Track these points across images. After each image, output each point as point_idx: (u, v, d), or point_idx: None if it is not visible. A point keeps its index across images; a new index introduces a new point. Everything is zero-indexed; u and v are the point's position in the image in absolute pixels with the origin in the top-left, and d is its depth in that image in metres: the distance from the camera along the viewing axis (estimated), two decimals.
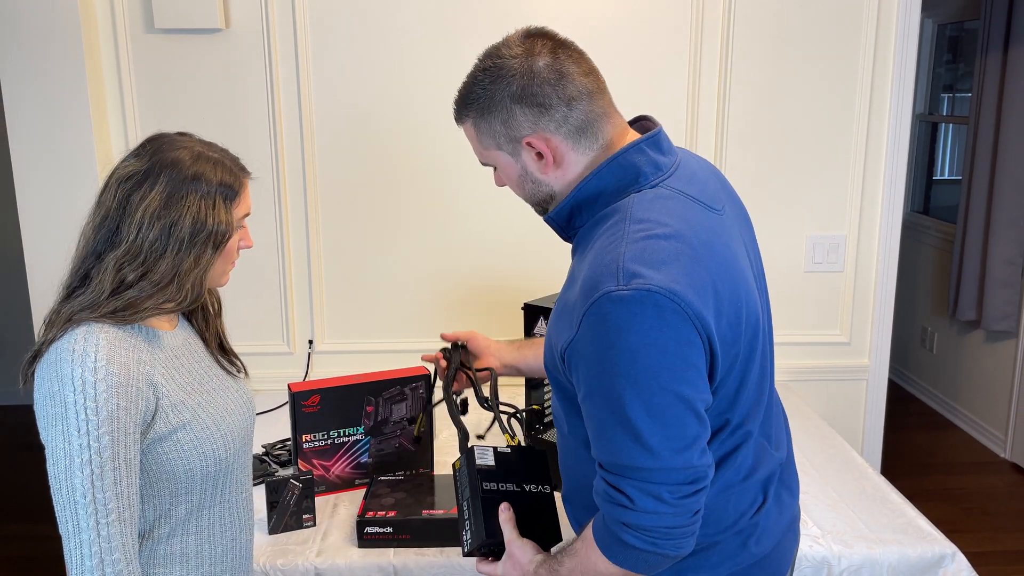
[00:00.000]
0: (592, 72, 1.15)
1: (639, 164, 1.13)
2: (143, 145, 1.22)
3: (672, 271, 1.01)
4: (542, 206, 1.22)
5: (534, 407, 1.98)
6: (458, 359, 1.63)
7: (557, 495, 1.38)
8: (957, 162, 4.59)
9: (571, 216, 1.18)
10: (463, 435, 1.39)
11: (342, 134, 2.52)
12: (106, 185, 1.20)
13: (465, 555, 1.29)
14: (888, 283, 2.65)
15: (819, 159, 2.58)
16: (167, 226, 1.17)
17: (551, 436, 1.89)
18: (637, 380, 1.01)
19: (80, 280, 1.19)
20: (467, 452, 1.30)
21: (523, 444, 1.36)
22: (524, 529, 1.25)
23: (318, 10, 2.44)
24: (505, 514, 1.25)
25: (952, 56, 4.56)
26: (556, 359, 1.14)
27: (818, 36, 2.50)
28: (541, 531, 1.26)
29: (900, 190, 2.58)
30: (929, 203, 4.69)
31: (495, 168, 1.22)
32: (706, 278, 1.04)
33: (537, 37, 1.14)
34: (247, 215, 1.27)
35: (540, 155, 1.15)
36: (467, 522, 1.28)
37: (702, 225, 1.10)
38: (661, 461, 1.03)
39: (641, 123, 1.24)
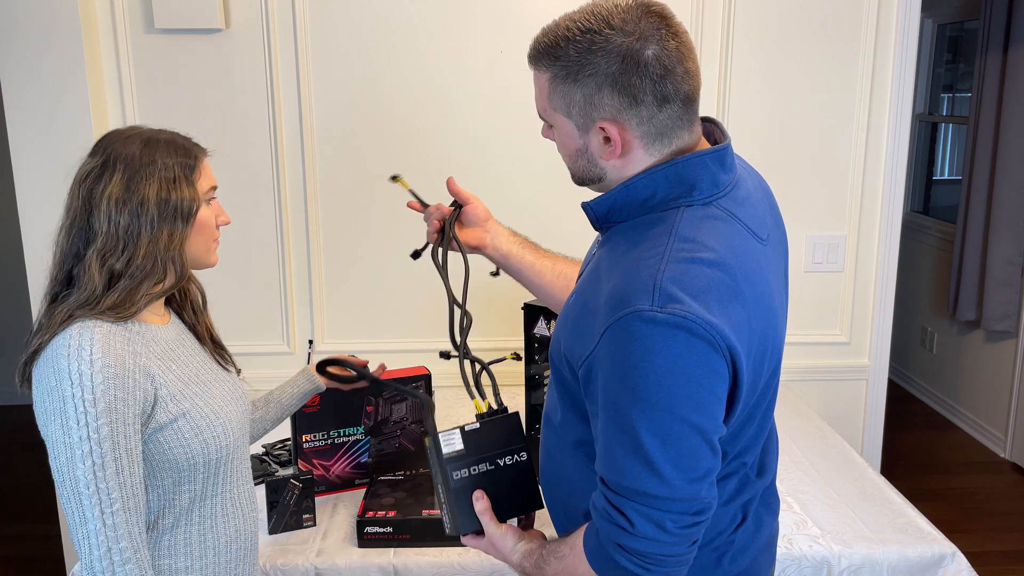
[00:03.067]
0: (695, 75, 1.06)
1: (697, 178, 1.06)
2: (96, 145, 1.26)
3: (710, 302, 0.97)
4: (584, 183, 1.15)
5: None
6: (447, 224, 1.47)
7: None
8: (957, 162, 4.59)
9: (610, 211, 1.11)
10: (461, 317, 1.27)
11: (342, 134, 2.52)
12: (69, 190, 1.24)
13: (448, 535, 1.27)
14: (888, 283, 2.65)
15: (819, 159, 2.58)
16: (134, 208, 1.20)
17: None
18: (657, 406, 0.96)
19: (63, 284, 1.22)
20: (433, 439, 1.23)
21: (493, 408, 1.27)
22: (504, 504, 1.22)
23: (318, 10, 2.44)
24: (480, 503, 1.20)
25: (952, 56, 4.56)
26: (563, 359, 1.11)
27: (818, 36, 2.50)
28: (522, 502, 1.24)
29: (900, 190, 2.58)
30: (929, 203, 4.69)
31: (549, 125, 1.13)
32: (743, 314, 1.00)
33: (654, 17, 1.03)
34: (213, 188, 1.30)
35: (608, 140, 1.07)
36: (444, 506, 1.24)
37: (747, 255, 1.05)
38: (672, 490, 0.99)
39: (708, 125, 1.15)
